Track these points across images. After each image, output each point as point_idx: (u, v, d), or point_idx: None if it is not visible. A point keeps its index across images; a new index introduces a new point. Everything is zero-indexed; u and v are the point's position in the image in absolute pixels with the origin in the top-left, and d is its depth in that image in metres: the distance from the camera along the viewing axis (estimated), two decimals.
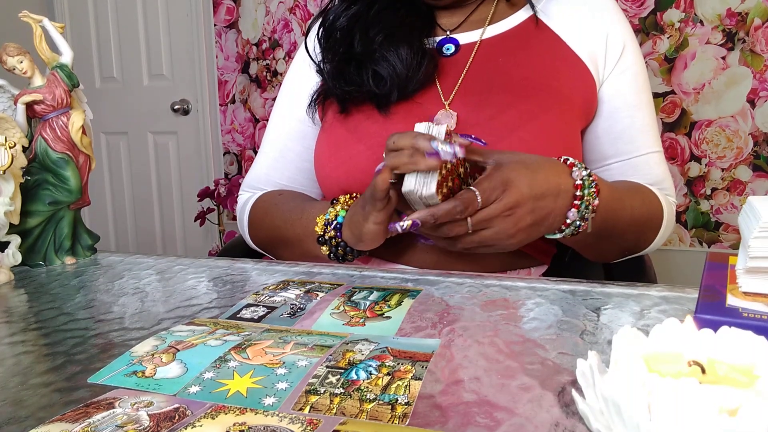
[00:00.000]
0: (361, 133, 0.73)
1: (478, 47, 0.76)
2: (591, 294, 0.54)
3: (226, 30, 2.56)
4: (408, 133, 0.57)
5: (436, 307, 0.52)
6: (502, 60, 0.75)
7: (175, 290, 0.60)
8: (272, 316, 0.51)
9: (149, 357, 0.43)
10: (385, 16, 0.75)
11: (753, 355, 0.30)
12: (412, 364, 0.40)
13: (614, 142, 0.76)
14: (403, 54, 0.72)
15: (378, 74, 0.72)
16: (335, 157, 0.74)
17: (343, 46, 0.76)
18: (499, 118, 0.70)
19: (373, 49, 0.73)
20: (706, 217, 2.05)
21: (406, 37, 0.74)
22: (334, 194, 0.75)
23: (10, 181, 0.67)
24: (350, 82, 0.74)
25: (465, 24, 0.79)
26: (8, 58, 0.70)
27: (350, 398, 0.36)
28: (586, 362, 0.32)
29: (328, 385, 0.38)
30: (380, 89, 0.72)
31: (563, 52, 0.75)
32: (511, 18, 0.78)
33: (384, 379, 0.38)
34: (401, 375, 0.38)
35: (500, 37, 0.77)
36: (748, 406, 0.25)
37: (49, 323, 0.52)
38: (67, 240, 0.74)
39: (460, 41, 0.77)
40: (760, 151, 1.95)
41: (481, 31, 0.77)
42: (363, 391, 0.37)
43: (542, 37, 0.76)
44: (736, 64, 1.93)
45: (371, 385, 0.37)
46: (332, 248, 0.68)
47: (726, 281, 0.43)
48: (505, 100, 0.71)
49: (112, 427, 0.34)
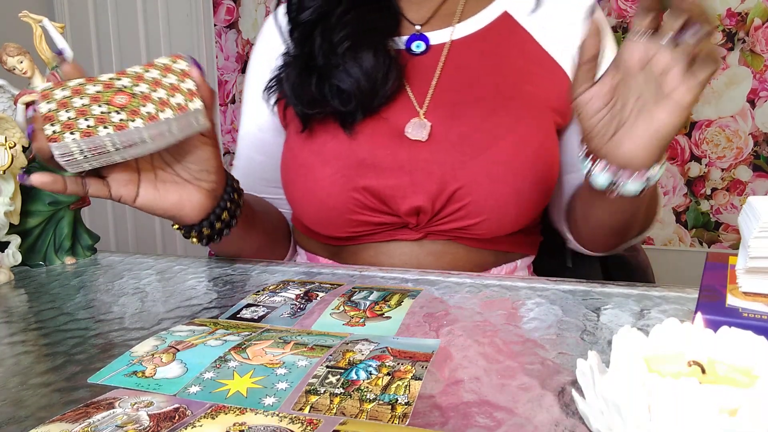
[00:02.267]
0: (326, 155, 0.69)
1: (449, 49, 0.72)
2: (591, 294, 0.54)
3: (226, 30, 2.56)
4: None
5: (436, 307, 0.52)
6: (475, 63, 0.72)
7: (175, 290, 0.60)
8: (272, 316, 0.51)
9: (149, 357, 0.43)
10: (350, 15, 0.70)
11: (753, 355, 0.30)
12: (412, 364, 0.40)
13: None
14: (367, 65, 0.68)
15: (341, 91, 0.68)
16: (300, 181, 0.71)
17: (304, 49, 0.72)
18: (472, 135, 0.67)
19: (335, 63, 0.68)
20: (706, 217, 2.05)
21: (370, 42, 0.69)
22: (302, 216, 0.73)
23: (10, 181, 0.67)
24: (313, 103, 0.69)
25: (435, 18, 0.75)
26: (8, 58, 0.70)
27: (350, 398, 0.36)
28: (586, 362, 0.32)
29: (328, 385, 0.38)
30: (345, 107, 0.68)
31: (537, 53, 0.72)
32: (482, 14, 0.74)
33: (384, 379, 0.38)
34: (401, 375, 0.38)
35: (471, 38, 0.73)
36: (748, 406, 0.25)
37: (49, 323, 0.52)
38: (67, 240, 0.74)
39: (430, 40, 0.73)
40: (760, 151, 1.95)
41: (451, 30, 0.74)
42: (363, 391, 0.37)
43: (515, 37, 0.73)
44: (736, 64, 1.93)
45: (371, 385, 0.37)
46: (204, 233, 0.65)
47: (726, 281, 0.43)
48: (478, 114, 0.68)
49: (112, 427, 0.34)
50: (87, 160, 0.54)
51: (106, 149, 0.54)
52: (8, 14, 1.26)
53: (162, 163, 0.61)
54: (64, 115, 0.53)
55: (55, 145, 0.53)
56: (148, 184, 0.60)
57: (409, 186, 0.67)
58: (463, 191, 0.66)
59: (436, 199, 0.66)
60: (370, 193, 0.67)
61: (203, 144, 0.60)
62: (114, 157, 0.55)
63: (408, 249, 0.70)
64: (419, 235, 0.70)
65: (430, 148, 0.67)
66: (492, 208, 0.67)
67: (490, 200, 0.66)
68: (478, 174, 0.66)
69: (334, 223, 0.70)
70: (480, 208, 0.66)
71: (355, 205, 0.68)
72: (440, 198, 0.66)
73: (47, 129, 0.52)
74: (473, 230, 0.68)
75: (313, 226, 0.73)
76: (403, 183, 0.67)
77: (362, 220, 0.69)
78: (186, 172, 0.61)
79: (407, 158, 0.67)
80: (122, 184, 0.58)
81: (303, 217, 0.73)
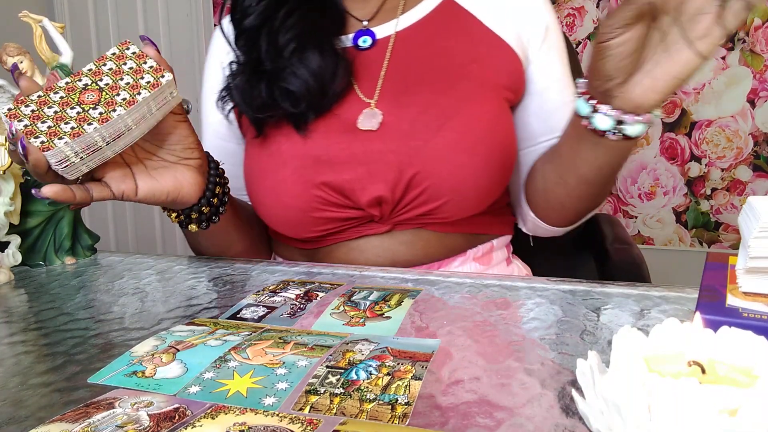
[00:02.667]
0: (283, 157, 0.70)
1: (395, 40, 0.73)
2: (591, 294, 0.54)
3: None
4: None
5: (436, 307, 0.52)
6: (421, 50, 0.73)
7: (175, 290, 0.60)
8: (272, 316, 0.51)
9: (149, 357, 0.43)
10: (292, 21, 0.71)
11: (753, 355, 0.30)
12: (412, 364, 0.40)
13: (546, 120, 0.76)
14: (314, 66, 0.68)
15: (291, 93, 0.68)
16: (262, 185, 0.72)
17: (252, 55, 0.72)
18: (422, 119, 0.68)
19: (283, 66, 0.69)
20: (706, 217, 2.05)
21: (316, 42, 0.70)
22: (269, 220, 0.73)
23: (10, 181, 0.67)
24: (263, 107, 0.70)
25: (380, 13, 0.76)
26: (8, 58, 0.70)
27: (350, 398, 0.36)
28: (586, 362, 0.32)
29: (328, 385, 0.38)
30: (295, 108, 0.69)
31: (483, 34, 0.73)
32: (425, 3, 0.75)
33: (384, 379, 0.38)
34: (401, 375, 0.38)
35: (415, 26, 0.74)
36: (748, 406, 0.25)
37: (49, 323, 0.52)
38: (67, 240, 0.74)
39: (376, 34, 0.74)
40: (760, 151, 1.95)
41: (396, 21, 0.74)
42: (363, 391, 0.37)
43: (459, 21, 0.74)
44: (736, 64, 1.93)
45: (371, 385, 0.37)
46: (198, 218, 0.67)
47: (726, 281, 0.43)
48: (427, 98, 0.69)
49: (112, 427, 0.34)
50: (83, 161, 0.54)
51: (98, 145, 0.54)
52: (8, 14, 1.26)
53: (146, 154, 0.62)
54: (43, 126, 0.53)
55: (49, 153, 0.52)
56: (143, 175, 0.61)
57: (366, 177, 0.67)
58: (420, 176, 0.67)
59: (396, 187, 0.67)
60: (330, 188, 0.68)
61: (178, 122, 0.62)
62: (106, 152, 0.55)
63: (378, 242, 0.71)
64: (387, 227, 0.71)
65: (382, 138, 0.68)
66: (452, 188, 0.67)
67: (449, 181, 0.67)
68: (432, 157, 0.67)
69: (300, 223, 0.71)
70: (440, 191, 0.67)
71: (318, 202, 0.69)
72: (399, 185, 0.67)
73: (34, 142, 0.52)
74: (438, 214, 0.69)
75: (282, 230, 0.74)
76: (359, 175, 0.68)
77: (327, 216, 0.70)
78: (171, 154, 0.63)
79: (362, 151, 0.68)
80: (120, 180, 0.59)
81: (271, 222, 0.74)
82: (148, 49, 0.59)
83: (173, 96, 0.58)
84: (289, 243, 0.77)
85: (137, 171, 0.61)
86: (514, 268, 0.81)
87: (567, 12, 2.10)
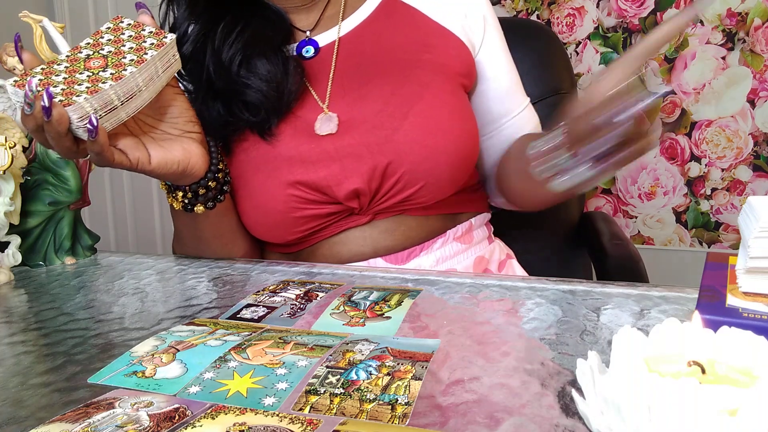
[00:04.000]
0: (255, 162, 0.71)
1: (338, 45, 0.75)
2: (591, 294, 0.54)
3: None
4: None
5: (436, 307, 0.52)
6: (369, 49, 0.74)
7: (175, 290, 0.60)
8: (272, 316, 0.51)
9: (149, 357, 0.43)
10: (233, 37, 0.70)
11: (753, 355, 0.30)
12: (412, 364, 0.40)
13: (504, 100, 0.80)
14: (263, 72, 0.69)
15: (249, 104, 0.69)
16: (240, 193, 0.72)
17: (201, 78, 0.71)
18: (385, 110, 0.70)
19: (234, 80, 0.69)
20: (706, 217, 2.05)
21: (263, 52, 0.70)
22: (250, 226, 0.73)
23: (10, 181, 0.67)
24: (225, 125, 0.70)
25: (321, 22, 0.77)
26: (8, 58, 0.70)
27: (350, 398, 0.36)
28: (586, 362, 0.32)
29: (328, 385, 0.38)
30: (257, 117, 0.69)
31: (429, 25, 0.76)
32: (364, 7, 0.77)
33: (384, 379, 0.38)
34: (401, 375, 0.38)
35: (358, 29, 0.76)
36: (748, 406, 0.25)
37: (49, 323, 0.52)
38: (67, 240, 0.74)
39: (319, 42, 0.75)
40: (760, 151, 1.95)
41: (338, 27, 0.76)
42: (363, 391, 0.37)
43: (404, 16, 0.76)
44: (736, 64, 1.93)
45: (371, 385, 0.37)
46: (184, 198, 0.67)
47: (726, 281, 0.43)
48: (386, 90, 0.71)
49: (112, 427, 0.34)
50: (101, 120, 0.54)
51: (113, 104, 0.55)
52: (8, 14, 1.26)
53: (150, 127, 0.63)
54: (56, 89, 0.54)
55: (71, 108, 0.53)
56: (153, 144, 0.62)
57: (340, 172, 0.69)
58: (394, 164, 0.68)
59: (371, 179, 0.68)
60: (305, 186, 0.69)
61: (177, 95, 0.63)
62: (121, 114, 0.56)
63: (360, 233, 0.72)
64: (367, 218, 0.72)
65: (350, 134, 0.69)
66: (426, 171, 0.69)
67: (423, 165, 0.69)
68: (404, 143, 0.68)
69: (282, 225, 0.71)
70: (416, 176, 0.69)
71: (296, 201, 0.69)
72: (375, 176, 0.68)
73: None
74: (416, 199, 0.70)
75: (266, 236, 0.74)
76: (333, 171, 0.69)
77: (308, 215, 0.70)
78: (173, 128, 0.64)
79: (333, 147, 0.69)
80: (134, 148, 0.60)
81: (251, 228, 0.74)
82: (144, 18, 0.60)
83: (176, 58, 0.59)
84: (276, 249, 0.78)
85: (146, 141, 0.62)
86: (495, 247, 0.82)
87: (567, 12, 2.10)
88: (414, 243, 0.73)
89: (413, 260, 0.73)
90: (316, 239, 0.73)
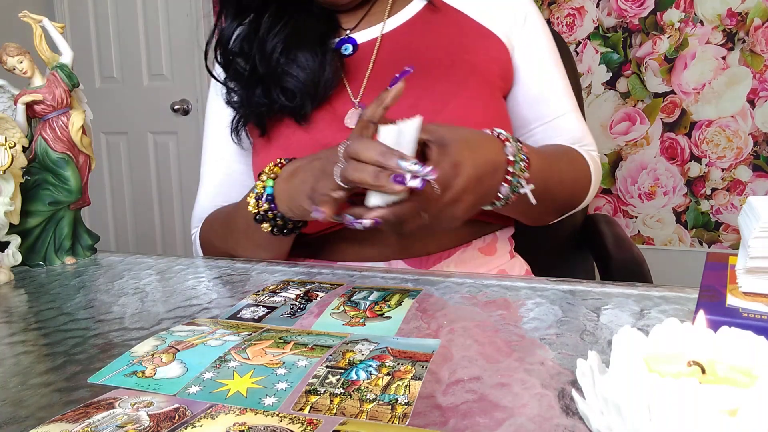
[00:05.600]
0: (291, 147, 0.73)
1: (381, 41, 0.77)
2: (591, 294, 0.54)
3: None
4: (373, 144, 0.53)
5: (436, 307, 0.52)
6: (410, 47, 0.76)
7: (175, 290, 0.60)
8: (272, 316, 0.51)
9: (149, 357, 0.43)
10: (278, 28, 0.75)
11: (753, 355, 0.30)
12: (412, 364, 0.40)
13: (533, 106, 0.79)
14: (303, 61, 0.72)
15: (286, 89, 0.72)
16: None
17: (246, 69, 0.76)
18: (419, 105, 0.70)
19: (274, 66, 0.73)
20: (706, 217, 2.05)
21: (304, 44, 0.73)
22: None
23: (10, 181, 0.67)
24: (261, 104, 0.74)
25: (363, 22, 0.79)
26: (8, 58, 0.70)
27: (350, 398, 0.36)
28: (586, 362, 0.32)
29: (328, 385, 0.38)
30: (292, 103, 0.72)
31: (471, 26, 0.77)
32: (409, 8, 0.79)
33: (384, 379, 0.38)
34: (401, 375, 0.38)
35: (402, 27, 0.77)
36: (748, 406, 0.25)
37: (49, 323, 0.52)
38: (67, 240, 0.74)
39: (357, 40, 0.77)
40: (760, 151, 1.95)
41: (381, 25, 0.78)
42: (363, 391, 0.37)
43: (446, 16, 0.77)
44: (736, 64, 1.93)
45: (371, 385, 0.37)
46: (271, 221, 0.66)
47: (726, 281, 0.43)
48: (422, 85, 0.71)
49: (112, 427, 0.34)
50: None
51: None
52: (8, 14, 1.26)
53: None
54: None
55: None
56: None
57: None
58: None
59: None
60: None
61: None
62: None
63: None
64: None
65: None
66: None
67: None
68: None
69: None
70: None
71: None
72: None
73: None
74: None
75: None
76: None
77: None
78: None
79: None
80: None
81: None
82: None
83: None
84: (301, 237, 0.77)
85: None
86: (516, 262, 0.82)
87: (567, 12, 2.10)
88: (438, 248, 0.73)
89: (436, 266, 0.73)
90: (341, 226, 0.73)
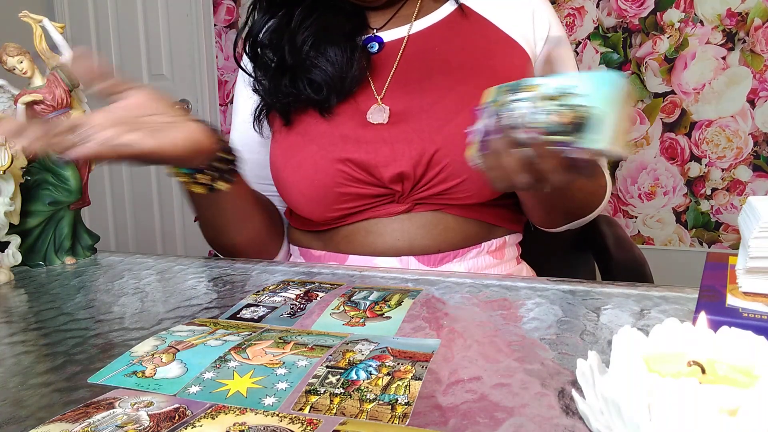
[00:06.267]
0: (311, 134, 0.75)
1: (407, 42, 0.78)
2: (591, 294, 0.54)
3: (226, 30, 2.56)
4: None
5: (436, 307, 0.52)
6: (437, 48, 0.77)
7: (175, 290, 0.60)
8: (272, 316, 0.51)
9: (149, 357, 0.43)
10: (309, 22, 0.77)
11: (753, 355, 0.30)
12: (412, 364, 0.40)
13: None
14: (332, 55, 0.74)
15: (313, 81, 0.74)
16: (289, 163, 0.75)
17: (274, 60, 0.78)
18: (441, 103, 0.72)
19: (303, 58, 0.75)
20: (706, 217, 2.05)
21: (333, 39, 0.75)
22: (293, 198, 0.76)
23: (10, 181, 0.67)
24: (287, 94, 0.75)
25: (391, 22, 0.81)
26: (8, 58, 0.70)
27: (350, 398, 0.36)
28: (586, 362, 0.32)
29: (328, 385, 0.38)
30: (318, 95, 0.74)
31: (495, 34, 0.78)
32: (438, 12, 0.80)
33: (384, 379, 0.38)
34: (401, 375, 0.38)
35: (429, 29, 0.79)
36: (748, 406, 0.25)
37: (49, 323, 0.52)
38: (67, 240, 0.74)
39: (384, 39, 0.79)
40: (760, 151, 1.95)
41: (408, 26, 0.79)
42: (363, 391, 0.37)
43: (472, 23, 0.79)
44: (736, 64, 1.93)
45: (371, 385, 0.37)
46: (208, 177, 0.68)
47: (726, 281, 0.43)
48: (445, 85, 0.73)
49: (112, 427, 0.34)
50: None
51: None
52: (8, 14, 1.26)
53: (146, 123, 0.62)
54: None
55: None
56: (156, 133, 0.61)
57: (390, 155, 0.71)
58: (440, 153, 0.70)
59: (417, 164, 0.71)
60: (354, 164, 0.71)
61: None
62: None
63: (398, 225, 0.73)
64: (406, 206, 0.73)
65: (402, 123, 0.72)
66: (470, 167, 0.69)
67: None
68: (453, 135, 0.70)
69: (324, 200, 0.73)
70: (459, 168, 0.70)
71: (342, 177, 0.72)
72: (421, 162, 0.70)
73: None
74: (456, 194, 0.72)
75: (304, 210, 0.75)
76: (384, 153, 0.71)
77: (350, 192, 0.72)
78: (163, 118, 0.63)
79: (388, 134, 0.72)
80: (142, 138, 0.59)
81: (293, 200, 0.76)
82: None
83: None
84: (307, 227, 0.79)
85: (148, 133, 0.60)
86: (522, 268, 0.83)
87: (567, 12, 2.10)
88: (450, 247, 0.74)
89: (445, 265, 0.74)
90: (352, 220, 0.74)
